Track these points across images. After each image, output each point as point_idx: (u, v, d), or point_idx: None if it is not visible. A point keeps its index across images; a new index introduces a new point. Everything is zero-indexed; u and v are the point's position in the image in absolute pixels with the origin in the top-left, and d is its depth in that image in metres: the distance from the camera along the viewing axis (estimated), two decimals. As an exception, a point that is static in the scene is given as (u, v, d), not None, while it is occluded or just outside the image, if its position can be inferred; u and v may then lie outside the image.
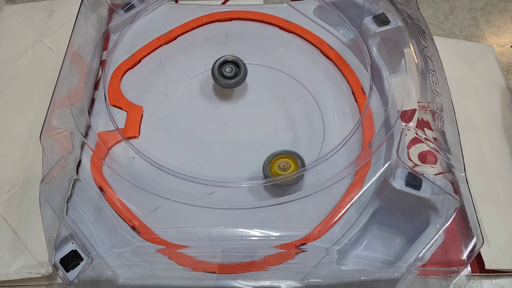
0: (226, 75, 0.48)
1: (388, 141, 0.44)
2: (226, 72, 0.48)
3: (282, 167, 0.41)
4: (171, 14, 0.56)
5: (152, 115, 0.48)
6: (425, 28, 0.51)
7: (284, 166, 0.41)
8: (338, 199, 0.42)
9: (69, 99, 0.44)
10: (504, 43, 0.69)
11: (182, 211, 0.41)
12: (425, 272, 0.39)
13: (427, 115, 0.46)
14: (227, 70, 0.48)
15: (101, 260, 0.38)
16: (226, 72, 0.48)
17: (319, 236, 0.40)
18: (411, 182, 0.39)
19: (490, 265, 0.47)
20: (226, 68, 0.48)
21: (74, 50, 0.48)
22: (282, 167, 0.41)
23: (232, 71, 0.48)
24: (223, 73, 0.48)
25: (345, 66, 0.52)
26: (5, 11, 0.67)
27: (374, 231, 0.41)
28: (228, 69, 0.48)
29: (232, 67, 0.48)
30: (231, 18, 0.56)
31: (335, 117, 0.48)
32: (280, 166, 0.41)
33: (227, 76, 0.48)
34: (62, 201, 0.41)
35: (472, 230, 0.39)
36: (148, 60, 0.53)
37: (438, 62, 0.49)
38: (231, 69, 0.48)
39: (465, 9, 0.74)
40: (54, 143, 0.42)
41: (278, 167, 0.41)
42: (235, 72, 0.48)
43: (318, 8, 0.57)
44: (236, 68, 0.48)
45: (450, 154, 0.43)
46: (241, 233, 0.40)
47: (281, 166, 0.41)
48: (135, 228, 0.40)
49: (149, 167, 0.42)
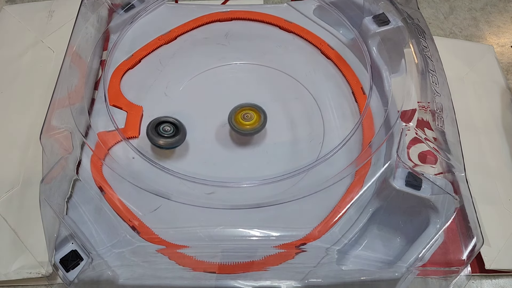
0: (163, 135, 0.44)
1: (388, 141, 0.44)
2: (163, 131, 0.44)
3: (246, 117, 0.45)
4: (171, 14, 0.56)
5: (152, 115, 0.48)
6: (425, 28, 0.51)
7: (247, 116, 0.45)
8: (338, 199, 0.42)
9: (69, 99, 0.44)
10: (504, 43, 0.69)
11: (182, 211, 0.41)
12: (425, 272, 0.39)
13: (427, 115, 0.46)
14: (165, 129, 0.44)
15: (101, 260, 0.38)
16: (163, 132, 0.44)
17: (319, 236, 0.40)
18: (411, 182, 0.39)
19: (490, 265, 0.47)
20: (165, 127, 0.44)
21: (74, 50, 0.48)
22: (245, 117, 0.45)
23: (170, 130, 0.44)
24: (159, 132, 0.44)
25: (345, 66, 0.52)
26: (5, 11, 0.67)
27: (374, 231, 0.41)
28: (167, 128, 0.44)
29: (170, 127, 0.44)
30: (231, 18, 0.56)
31: (335, 117, 0.48)
32: (244, 116, 0.45)
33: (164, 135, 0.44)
34: (62, 201, 0.41)
35: (472, 230, 0.39)
36: (148, 60, 0.53)
37: (438, 62, 0.49)
38: (169, 128, 0.44)
39: (465, 9, 0.74)
40: (54, 143, 0.42)
41: (242, 117, 0.45)
42: (173, 131, 0.44)
43: (318, 8, 0.57)
44: (173, 128, 0.44)
45: (450, 154, 0.43)
46: (241, 233, 0.40)
47: (245, 116, 0.45)
48: (135, 228, 0.40)
49: (149, 167, 0.42)
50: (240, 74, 0.52)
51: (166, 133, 0.44)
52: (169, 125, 0.44)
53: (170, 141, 0.43)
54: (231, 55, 0.53)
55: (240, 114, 0.45)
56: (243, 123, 0.45)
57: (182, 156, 0.46)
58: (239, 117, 0.45)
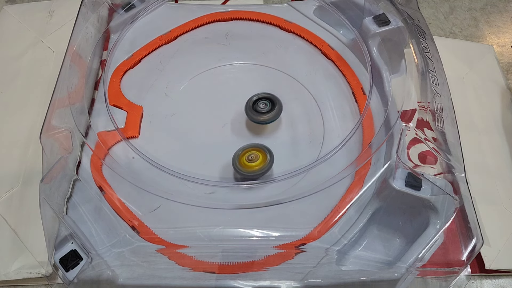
0: (259, 111, 0.46)
1: (388, 141, 0.44)
2: (260, 108, 0.46)
3: (249, 159, 0.43)
4: (171, 14, 0.56)
5: (152, 115, 0.48)
6: (425, 28, 0.51)
7: (251, 158, 0.43)
8: (338, 199, 0.42)
9: (69, 99, 0.44)
10: (504, 43, 0.69)
11: (182, 211, 0.41)
12: (425, 273, 0.39)
13: (427, 115, 0.46)
14: (261, 106, 0.46)
15: (100, 259, 0.38)
16: (260, 108, 0.46)
17: (319, 236, 0.40)
18: (411, 183, 0.39)
19: (490, 265, 0.48)
20: (260, 104, 0.46)
21: (74, 50, 0.48)
22: (250, 159, 0.43)
23: (266, 106, 0.46)
24: (256, 109, 0.46)
25: (345, 66, 0.52)
26: (5, 11, 0.67)
27: (374, 232, 0.41)
28: (262, 105, 0.46)
29: (267, 103, 0.46)
30: (232, 18, 0.56)
31: (335, 117, 0.48)
32: (248, 158, 0.43)
33: (261, 111, 0.46)
34: (62, 201, 0.41)
35: (472, 230, 0.39)
36: (148, 60, 0.53)
37: (438, 62, 0.49)
38: (265, 105, 0.46)
39: (465, 9, 0.74)
40: (54, 143, 0.42)
41: (246, 159, 0.43)
42: (269, 107, 0.46)
43: (318, 8, 0.57)
44: (270, 104, 0.46)
45: (450, 154, 0.43)
46: (241, 233, 0.40)
47: (249, 157, 0.43)
48: (134, 228, 0.40)
49: (149, 167, 0.42)
50: (240, 74, 0.52)
51: (263, 109, 0.45)
52: (264, 101, 0.46)
53: (268, 116, 0.45)
54: (231, 55, 0.53)
55: (244, 157, 0.43)
56: (248, 165, 0.42)
57: (182, 156, 0.46)
58: (243, 159, 0.43)
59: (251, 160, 0.42)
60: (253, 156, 0.43)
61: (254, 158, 0.43)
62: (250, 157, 0.43)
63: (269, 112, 0.45)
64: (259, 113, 0.45)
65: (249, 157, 0.43)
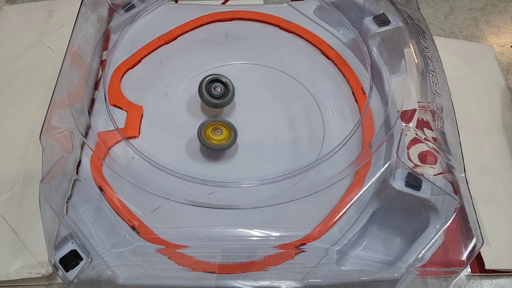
0: (213, 95, 0.46)
1: (388, 141, 0.44)
2: (214, 91, 0.46)
3: (215, 132, 0.45)
4: (171, 14, 0.56)
5: (152, 115, 0.48)
6: (425, 28, 0.51)
7: (217, 131, 0.45)
8: (338, 199, 0.42)
9: (69, 99, 0.44)
10: (504, 43, 0.69)
11: (182, 211, 0.41)
12: (425, 273, 0.39)
13: (427, 115, 0.46)
14: (217, 90, 0.46)
15: (100, 259, 0.38)
16: (214, 92, 0.46)
17: (319, 236, 0.40)
18: (411, 183, 0.39)
19: (490, 265, 0.48)
20: (216, 88, 0.46)
21: (74, 50, 0.48)
22: (216, 132, 0.45)
23: (220, 90, 0.47)
24: (211, 92, 0.46)
25: (345, 66, 0.52)
26: (5, 11, 0.67)
27: (374, 232, 0.41)
28: (218, 89, 0.46)
29: (220, 87, 0.47)
30: (232, 18, 0.56)
31: (335, 117, 0.48)
32: (214, 131, 0.45)
33: (215, 95, 0.46)
34: (62, 201, 0.41)
35: (472, 230, 0.39)
36: (148, 60, 0.53)
37: (438, 62, 0.49)
38: (220, 89, 0.47)
39: (465, 9, 0.74)
40: (54, 143, 0.42)
41: (212, 132, 0.44)
42: (222, 91, 0.47)
43: (318, 8, 0.57)
44: (224, 88, 0.47)
45: (450, 154, 0.43)
46: (241, 233, 0.40)
47: (215, 131, 0.45)
48: (134, 228, 0.40)
49: (149, 167, 0.42)
50: (240, 74, 0.52)
51: (217, 93, 0.46)
52: (219, 85, 0.46)
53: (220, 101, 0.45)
54: (231, 55, 0.53)
55: (210, 129, 0.45)
56: (212, 138, 0.44)
57: (182, 156, 0.46)
58: (209, 131, 0.45)
59: (216, 134, 0.45)
60: (218, 130, 0.45)
61: (219, 133, 0.45)
62: (216, 131, 0.45)
63: (223, 96, 0.46)
64: (213, 97, 0.46)
65: (215, 131, 0.45)
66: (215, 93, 0.46)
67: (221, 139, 0.44)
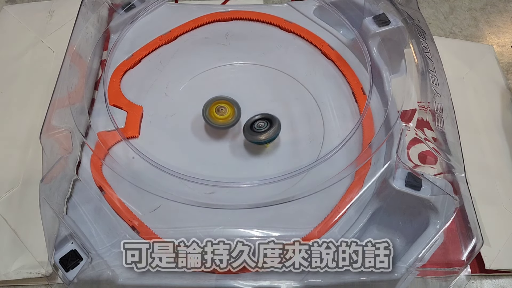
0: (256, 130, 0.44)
1: (388, 141, 0.44)
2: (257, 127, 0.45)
3: (219, 110, 0.45)
4: (171, 14, 0.56)
5: (152, 115, 0.48)
6: (425, 28, 0.51)
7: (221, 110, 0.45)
8: (338, 199, 0.42)
9: (69, 99, 0.44)
10: (504, 43, 0.69)
11: (182, 211, 0.41)
12: (425, 273, 0.39)
13: (427, 115, 0.46)
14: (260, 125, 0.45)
15: (100, 259, 0.38)
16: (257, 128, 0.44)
17: (319, 236, 0.40)
18: (411, 183, 0.39)
19: (490, 265, 0.48)
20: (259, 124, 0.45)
21: (74, 50, 0.48)
22: (219, 110, 0.45)
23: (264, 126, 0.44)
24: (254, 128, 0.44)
25: (345, 66, 0.52)
26: (5, 11, 0.67)
27: (374, 232, 0.41)
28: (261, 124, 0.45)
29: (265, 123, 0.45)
30: (232, 18, 0.56)
31: (335, 117, 0.48)
32: (218, 110, 0.45)
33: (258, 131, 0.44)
34: (62, 201, 0.41)
35: (472, 230, 0.39)
36: (148, 60, 0.53)
37: (438, 63, 0.49)
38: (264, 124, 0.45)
39: (465, 9, 0.74)
40: (54, 143, 0.42)
41: (216, 110, 0.45)
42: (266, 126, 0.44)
43: (318, 8, 0.57)
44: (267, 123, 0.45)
45: (450, 154, 0.43)
46: (241, 233, 0.40)
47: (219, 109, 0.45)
48: (134, 228, 0.40)
49: (149, 167, 0.42)
50: (240, 74, 0.52)
51: (261, 129, 0.44)
52: (262, 121, 0.45)
53: (267, 135, 0.44)
54: (231, 55, 0.53)
55: (215, 107, 0.46)
56: (217, 117, 0.45)
57: (182, 156, 0.46)
58: (213, 110, 0.45)
59: (220, 112, 0.45)
60: (222, 108, 0.45)
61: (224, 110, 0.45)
62: (219, 109, 0.45)
63: (267, 131, 0.44)
64: (257, 133, 0.44)
65: (219, 109, 0.45)
66: (257, 129, 0.44)
67: (226, 117, 0.45)
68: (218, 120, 0.45)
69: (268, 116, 0.45)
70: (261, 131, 0.44)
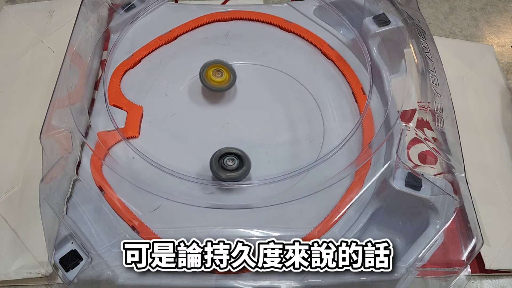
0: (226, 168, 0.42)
1: (388, 141, 0.44)
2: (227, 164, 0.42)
3: (216, 74, 0.48)
4: (171, 14, 0.56)
5: (152, 115, 0.48)
6: (425, 29, 0.51)
7: (218, 73, 0.48)
8: (338, 199, 0.42)
9: (69, 99, 0.44)
10: (504, 43, 0.69)
11: (182, 211, 0.41)
12: (425, 273, 0.39)
13: (427, 115, 0.46)
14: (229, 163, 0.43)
15: (100, 259, 0.38)
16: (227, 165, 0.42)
17: (319, 236, 0.40)
18: (411, 183, 0.39)
19: (490, 265, 0.48)
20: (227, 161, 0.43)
21: (74, 50, 0.48)
22: (217, 74, 0.48)
23: (233, 163, 0.43)
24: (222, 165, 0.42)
25: (345, 66, 0.52)
26: (5, 11, 0.67)
27: (374, 232, 0.41)
28: (230, 161, 0.43)
29: (234, 159, 0.43)
30: (231, 18, 0.56)
31: (335, 117, 0.48)
32: (215, 73, 0.48)
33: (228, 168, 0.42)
34: (62, 201, 0.41)
35: (472, 230, 0.39)
36: (148, 60, 0.53)
37: (438, 63, 0.49)
38: (232, 161, 0.43)
39: (465, 9, 0.74)
40: (54, 143, 0.42)
41: (213, 74, 0.48)
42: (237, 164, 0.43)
43: (318, 8, 0.57)
44: (238, 160, 0.43)
45: (450, 154, 0.43)
46: (241, 233, 0.40)
47: (216, 73, 0.48)
48: (134, 228, 0.40)
49: (149, 167, 0.42)
50: (240, 74, 0.52)
51: (229, 167, 0.42)
52: (232, 158, 0.42)
53: (234, 175, 0.41)
54: (231, 55, 0.53)
55: (212, 70, 0.48)
56: (213, 80, 0.48)
57: (182, 156, 0.46)
58: (210, 73, 0.48)
59: (217, 76, 0.48)
60: (219, 72, 0.48)
61: (220, 74, 0.48)
62: (217, 73, 0.48)
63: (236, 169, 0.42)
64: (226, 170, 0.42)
65: (216, 73, 0.48)
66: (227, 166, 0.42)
67: (221, 81, 0.48)
68: (214, 82, 0.48)
69: (239, 153, 0.43)
70: (230, 169, 0.42)
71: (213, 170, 0.42)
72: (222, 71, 0.48)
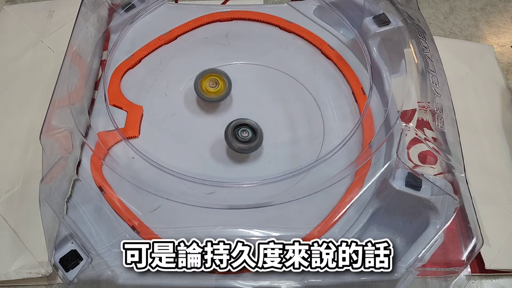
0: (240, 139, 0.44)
1: (388, 141, 0.44)
2: (241, 136, 0.44)
3: (211, 85, 0.47)
4: (171, 14, 0.56)
5: (152, 115, 0.48)
6: (425, 29, 0.51)
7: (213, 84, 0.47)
8: (338, 199, 0.42)
9: (69, 99, 0.44)
10: (504, 43, 0.69)
11: (182, 211, 0.41)
12: (425, 273, 0.39)
13: (427, 115, 0.46)
14: (243, 135, 0.44)
15: (100, 259, 0.38)
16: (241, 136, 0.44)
17: (319, 236, 0.40)
18: (411, 183, 0.39)
19: (490, 265, 0.48)
20: (243, 133, 0.44)
21: (74, 50, 0.48)
22: (212, 85, 0.47)
23: (247, 135, 0.44)
24: (237, 137, 0.44)
25: (345, 66, 0.52)
26: (5, 11, 0.67)
27: (374, 232, 0.41)
28: (244, 133, 0.44)
29: (248, 131, 0.44)
30: (232, 18, 0.56)
31: (335, 117, 0.48)
32: (210, 84, 0.47)
33: (242, 140, 0.44)
34: (62, 201, 0.41)
35: (472, 230, 0.39)
36: (148, 60, 0.53)
37: (438, 63, 0.49)
38: (247, 133, 0.44)
39: (465, 9, 0.74)
40: (54, 143, 0.42)
41: (208, 85, 0.47)
42: (250, 136, 0.44)
43: (318, 8, 0.57)
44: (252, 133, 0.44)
45: (450, 154, 0.43)
46: (241, 233, 0.40)
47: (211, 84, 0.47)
48: (134, 228, 0.40)
49: (149, 167, 0.42)
50: (240, 74, 0.52)
51: (243, 138, 0.44)
52: (247, 130, 0.44)
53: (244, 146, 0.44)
54: (231, 55, 0.53)
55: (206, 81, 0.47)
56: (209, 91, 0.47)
57: (182, 156, 0.46)
58: (205, 84, 0.47)
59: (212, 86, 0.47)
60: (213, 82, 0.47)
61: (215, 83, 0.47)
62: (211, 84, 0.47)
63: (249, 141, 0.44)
64: (240, 142, 0.44)
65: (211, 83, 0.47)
66: (242, 137, 0.44)
67: (217, 91, 0.47)
68: (210, 94, 0.47)
69: (253, 125, 0.45)
70: (244, 141, 0.44)
71: (228, 140, 0.44)
72: (217, 81, 0.47)
